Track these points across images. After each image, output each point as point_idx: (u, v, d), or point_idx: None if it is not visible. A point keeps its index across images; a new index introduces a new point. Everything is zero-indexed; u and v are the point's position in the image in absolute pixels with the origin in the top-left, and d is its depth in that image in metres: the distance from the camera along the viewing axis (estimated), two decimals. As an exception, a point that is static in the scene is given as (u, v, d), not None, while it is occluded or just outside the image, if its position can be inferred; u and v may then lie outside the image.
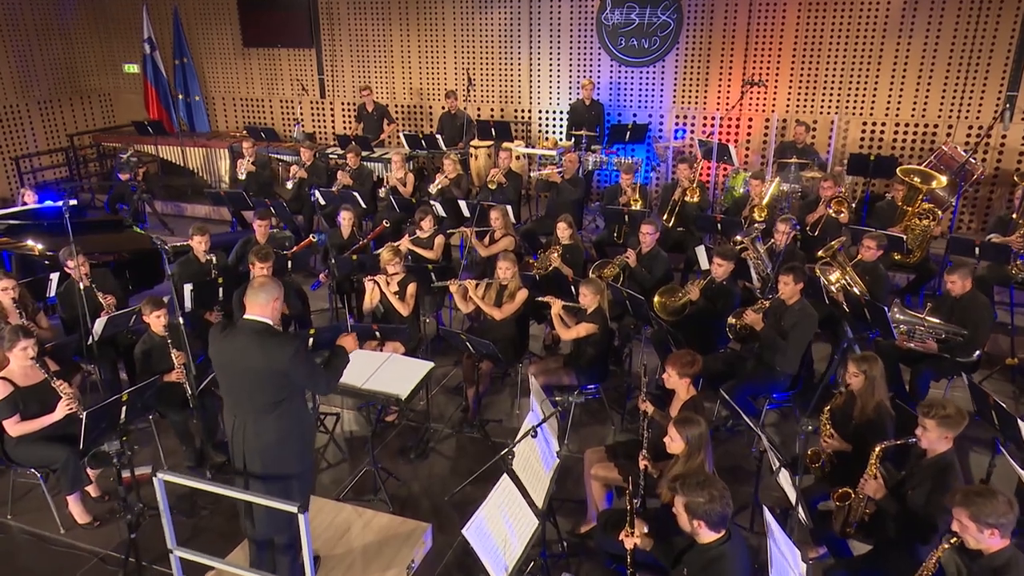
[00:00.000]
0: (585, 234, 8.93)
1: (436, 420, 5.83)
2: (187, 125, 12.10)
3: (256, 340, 3.44)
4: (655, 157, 9.78)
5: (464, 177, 8.81)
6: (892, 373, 5.35)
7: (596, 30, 9.89)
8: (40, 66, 11.61)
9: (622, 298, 5.73)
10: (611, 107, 10.08)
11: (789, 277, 5.14)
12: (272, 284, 3.55)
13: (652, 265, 6.46)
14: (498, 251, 6.99)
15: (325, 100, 11.70)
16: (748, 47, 9.30)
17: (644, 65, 9.83)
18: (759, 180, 7.43)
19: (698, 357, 4.18)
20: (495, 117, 10.68)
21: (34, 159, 11.52)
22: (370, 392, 4.35)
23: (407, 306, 5.93)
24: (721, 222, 7.13)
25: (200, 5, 11.88)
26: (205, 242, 6.37)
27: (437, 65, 10.85)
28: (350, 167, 8.95)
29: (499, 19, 10.29)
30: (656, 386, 6.21)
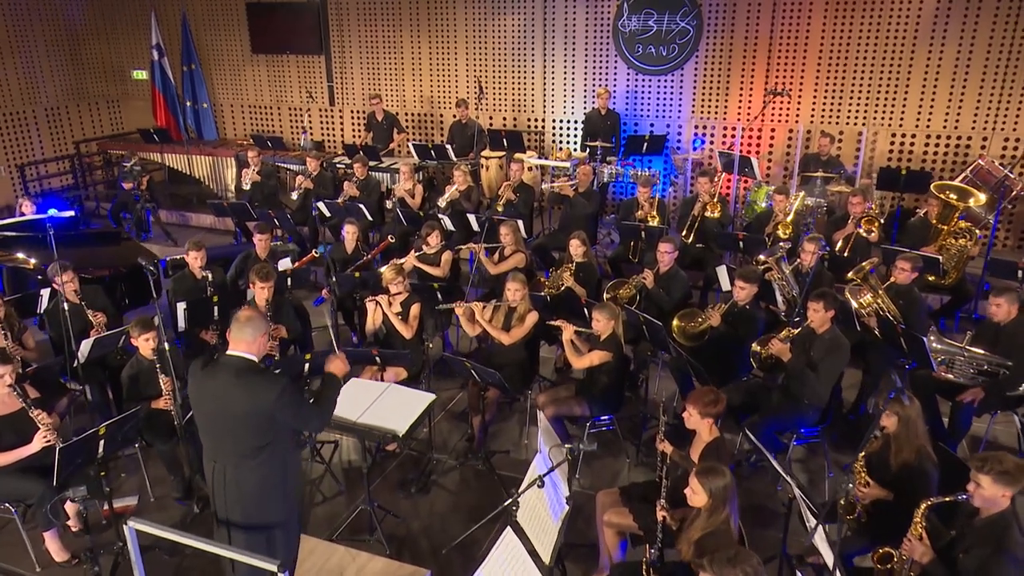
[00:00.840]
0: (600, 249, 8.60)
1: (440, 449, 5.51)
2: (195, 132, 11.91)
3: (238, 380, 3.14)
4: (673, 169, 9.43)
5: (475, 189, 8.51)
6: (929, 407, 4.98)
7: (612, 37, 9.57)
8: (47, 72, 11.45)
9: (638, 322, 5.39)
10: (627, 117, 9.75)
11: (819, 304, 4.78)
12: (259, 319, 3.26)
13: (670, 286, 6.12)
14: (508, 269, 6.69)
15: (334, 108, 11.46)
16: (771, 55, 8.94)
17: (662, 73, 9.50)
18: (783, 195, 7.07)
19: (722, 396, 3.83)
20: (507, 127, 10.37)
21: (40, 167, 11.34)
22: (365, 427, 4.04)
23: (410, 328, 5.62)
24: (743, 240, 6.78)
25: (209, 11, 11.69)
26: (201, 258, 6.11)
27: (448, 73, 10.57)
28: (357, 178, 8.68)
29: (512, 25, 10.00)
30: (674, 415, 5.89)
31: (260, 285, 5.38)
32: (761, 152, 9.26)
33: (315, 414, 3.33)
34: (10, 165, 10.97)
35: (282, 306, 5.62)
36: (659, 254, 6.13)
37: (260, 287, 5.38)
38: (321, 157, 9.99)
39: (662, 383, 6.26)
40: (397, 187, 8.33)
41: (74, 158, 11.41)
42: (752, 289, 5.55)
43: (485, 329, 5.47)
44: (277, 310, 5.52)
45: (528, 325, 5.46)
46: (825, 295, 4.82)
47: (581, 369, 5.13)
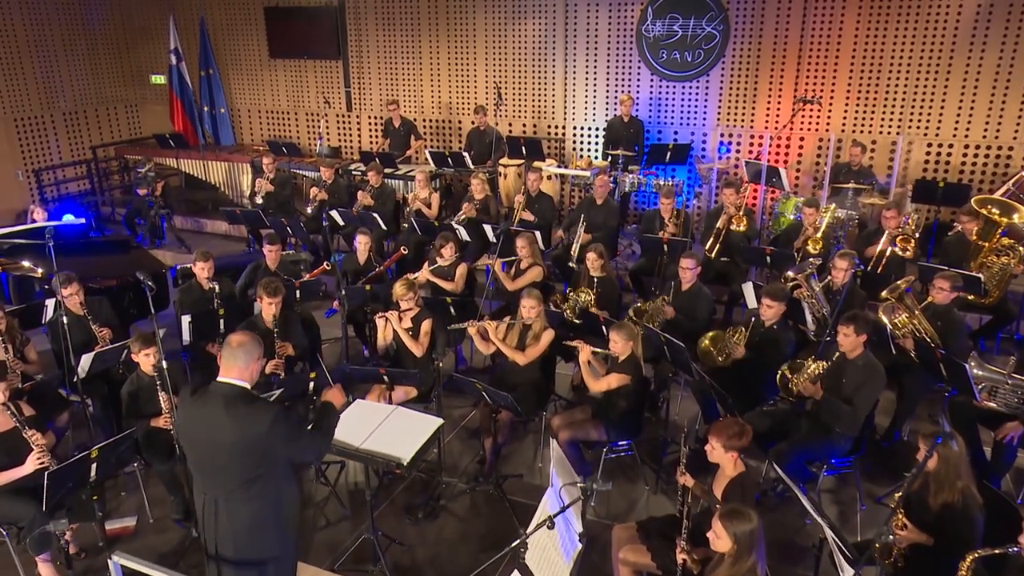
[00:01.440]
0: (620, 260, 8.38)
1: (450, 471, 5.31)
2: (212, 137, 11.87)
3: (229, 409, 2.97)
4: (697, 179, 9.17)
5: (492, 199, 8.32)
6: (970, 438, 4.69)
7: (636, 42, 9.35)
8: (66, 76, 11.47)
9: (659, 342, 5.15)
10: (651, 124, 9.52)
11: (850, 328, 4.52)
12: (252, 343, 3.09)
13: (694, 304, 5.88)
14: (526, 284, 6.48)
15: (351, 114, 11.35)
16: (801, 60, 8.66)
17: (687, 80, 9.26)
18: (813, 208, 6.78)
19: (747, 428, 3.59)
20: (527, 134, 10.18)
21: (57, 171, 11.35)
22: (368, 453, 3.85)
23: (421, 346, 5.43)
24: (771, 255, 6.51)
25: (227, 15, 11.65)
26: (208, 268, 5.98)
27: (467, 79, 10.41)
28: (371, 186, 8.53)
29: (533, 30, 9.82)
30: (697, 438, 5.65)
31: (268, 301, 5.23)
32: (789, 162, 8.97)
33: (311, 444, 3.16)
34: (28, 170, 10.98)
35: (290, 321, 5.46)
36: (681, 270, 5.89)
37: (268, 303, 5.23)
38: (336, 164, 9.87)
39: (684, 404, 6.02)
40: (412, 197, 8.16)
41: (91, 163, 11.40)
42: (779, 308, 5.30)
43: (499, 349, 5.27)
44: (284, 326, 5.36)
45: (544, 343, 5.26)
46: (856, 318, 4.55)
47: (598, 392, 4.90)
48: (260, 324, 5.32)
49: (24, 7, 10.73)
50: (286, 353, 5.23)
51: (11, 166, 10.89)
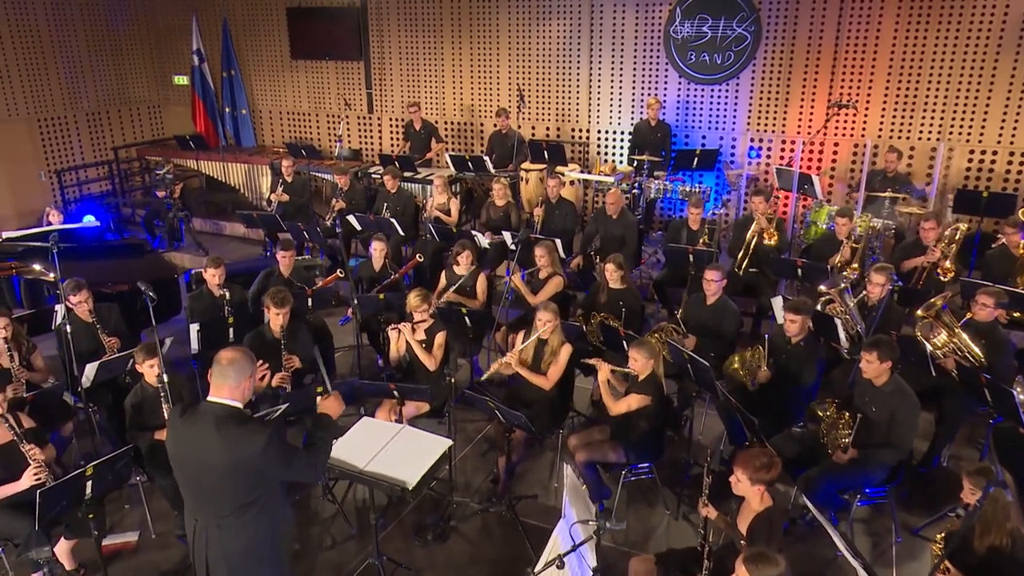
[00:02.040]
0: (645, 269, 8.15)
1: (462, 491, 5.14)
2: (233, 139, 11.84)
3: (219, 430, 2.83)
4: (726, 185, 8.91)
5: (513, 205, 8.13)
6: (1017, 469, 4.42)
7: (663, 44, 9.11)
8: (89, 77, 11.51)
9: (683, 360, 4.93)
10: (678, 128, 9.27)
11: (873, 354, 4.25)
12: (244, 360, 2.94)
13: (720, 319, 5.64)
14: (548, 296, 6.29)
15: (373, 115, 11.24)
16: (836, 63, 8.36)
17: (716, 83, 8.99)
18: (846, 218, 6.50)
19: (776, 460, 3.37)
20: (550, 137, 9.99)
21: (80, 172, 11.39)
22: (372, 476, 3.69)
23: (434, 359, 5.27)
24: (802, 267, 6.24)
25: (249, 16, 11.61)
26: (219, 275, 5.87)
27: (490, 81, 10.24)
28: (389, 191, 8.38)
29: (557, 31, 9.62)
30: (721, 459, 5.42)
31: (275, 311, 5.09)
32: (823, 168, 8.68)
33: (308, 464, 3.00)
34: (50, 171, 11.02)
35: (298, 332, 5.32)
36: (705, 282, 5.66)
37: (275, 313, 5.10)
38: (356, 167, 9.77)
39: (709, 422, 5.79)
40: (430, 203, 7.98)
41: (112, 164, 11.42)
42: (804, 322, 5.06)
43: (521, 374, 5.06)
44: (292, 337, 5.23)
45: (563, 360, 5.06)
46: (880, 344, 4.28)
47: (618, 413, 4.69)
48: (268, 334, 5.19)
49: (49, 8, 10.78)
50: (293, 366, 5.09)
51: (34, 167, 10.95)
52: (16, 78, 10.53)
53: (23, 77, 10.62)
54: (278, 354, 5.07)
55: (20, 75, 10.58)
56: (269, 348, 5.09)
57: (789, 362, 5.13)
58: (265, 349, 5.04)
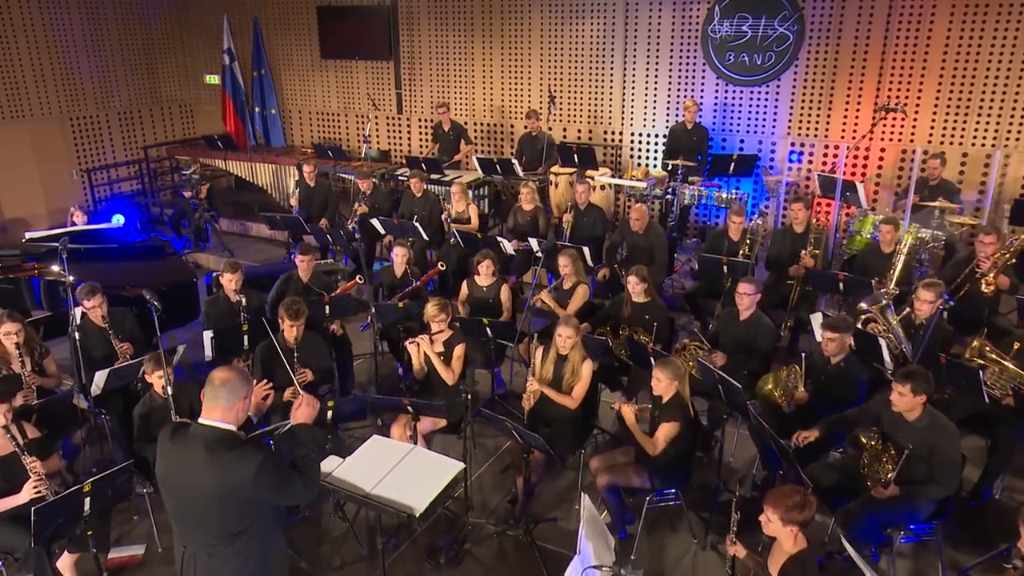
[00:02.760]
0: (677, 279, 7.88)
1: (478, 510, 4.96)
2: (263, 139, 11.84)
3: (210, 454, 2.68)
4: (764, 192, 8.59)
5: (542, 210, 7.92)
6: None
7: (701, 43, 8.82)
8: (121, 76, 11.60)
9: (713, 380, 4.68)
10: (715, 132, 8.98)
11: (907, 387, 3.95)
12: (238, 380, 2.79)
13: (753, 336, 5.38)
14: (578, 307, 6.09)
15: (402, 116, 11.13)
16: (884, 65, 8.00)
17: (756, 84, 8.68)
18: (891, 226, 6.16)
19: (811, 499, 3.11)
20: (582, 139, 9.77)
21: (110, 171, 11.49)
22: (379, 500, 3.52)
23: (452, 372, 5.10)
24: (844, 281, 5.93)
25: (280, 15, 11.60)
26: (235, 280, 5.77)
27: (521, 81, 10.06)
28: (414, 195, 8.24)
29: (590, 31, 9.39)
30: (754, 484, 5.16)
31: (289, 323, 4.96)
32: (867, 175, 8.31)
33: (301, 486, 2.84)
34: (81, 169, 11.13)
35: (313, 343, 5.18)
36: (738, 296, 5.39)
37: (289, 325, 4.96)
38: (383, 169, 9.67)
39: (741, 443, 5.52)
40: (450, 208, 7.77)
41: (142, 163, 11.49)
42: (843, 341, 4.78)
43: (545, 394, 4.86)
44: (306, 347, 5.09)
45: (586, 377, 4.85)
46: (915, 376, 3.96)
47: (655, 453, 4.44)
48: (281, 344, 5.06)
49: (83, 7, 10.89)
50: (306, 380, 4.95)
51: (66, 165, 11.07)
52: (49, 77, 10.66)
53: (56, 76, 10.74)
54: (291, 366, 4.93)
55: (53, 74, 10.70)
56: (282, 359, 4.97)
57: (828, 383, 4.86)
58: (278, 360, 4.92)
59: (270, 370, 5.00)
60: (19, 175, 10.48)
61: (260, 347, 5.07)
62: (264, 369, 4.99)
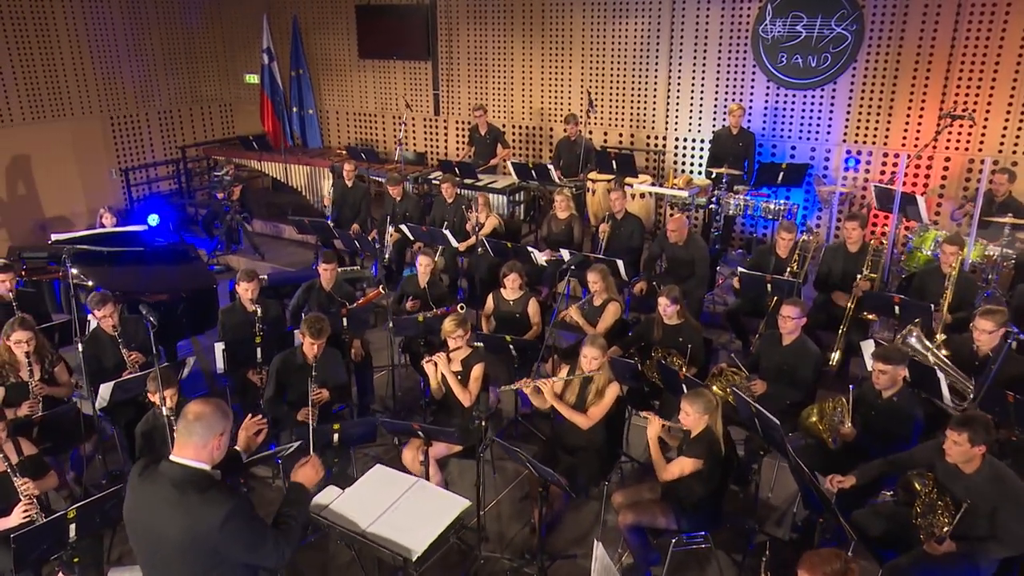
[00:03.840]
0: (719, 294, 7.51)
1: (494, 542, 4.71)
2: (300, 139, 11.81)
3: (177, 496, 2.49)
4: (816, 202, 8.14)
5: (577, 219, 7.62)
6: None
7: (751, 44, 8.42)
8: (162, 76, 11.70)
9: (749, 413, 4.34)
10: (764, 138, 8.56)
11: (963, 435, 3.55)
12: (214, 416, 2.59)
13: (795, 364, 5.01)
14: (609, 326, 5.80)
15: (439, 118, 10.96)
16: (951, 68, 7.48)
17: (810, 87, 8.24)
18: (956, 247, 5.69)
19: (853, 566, 2.77)
20: (623, 144, 9.44)
21: (148, 171, 11.58)
22: (375, 539, 3.30)
23: (470, 394, 4.86)
24: (900, 305, 5.50)
25: (319, 14, 11.55)
26: (252, 289, 5.64)
27: (562, 83, 9.77)
28: (446, 200, 8.04)
29: (635, 30, 9.06)
30: (793, 525, 4.81)
31: (310, 341, 4.79)
32: (930, 187, 7.80)
33: (272, 546, 2.61)
34: (120, 169, 11.24)
35: (331, 360, 5.00)
36: (781, 319, 5.03)
37: (309, 343, 4.79)
38: (416, 172, 9.50)
39: (781, 477, 5.16)
40: (472, 216, 7.50)
41: (179, 163, 11.56)
42: (895, 374, 4.38)
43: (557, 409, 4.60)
44: (323, 365, 4.91)
45: (608, 401, 4.56)
46: (972, 423, 3.56)
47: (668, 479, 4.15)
48: (298, 359, 4.90)
49: (124, 7, 10.99)
50: (322, 400, 4.76)
51: (106, 164, 11.19)
52: (91, 76, 10.78)
53: (97, 75, 10.87)
54: (305, 382, 4.75)
55: (95, 73, 10.83)
56: (298, 375, 4.80)
57: (878, 420, 4.47)
58: (293, 375, 4.78)
59: (284, 384, 4.85)
60: (60, 174, 10.63)
61: (276, 359, 4.92)
62: (277, 383, 4.84)
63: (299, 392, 4.81)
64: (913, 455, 4.10)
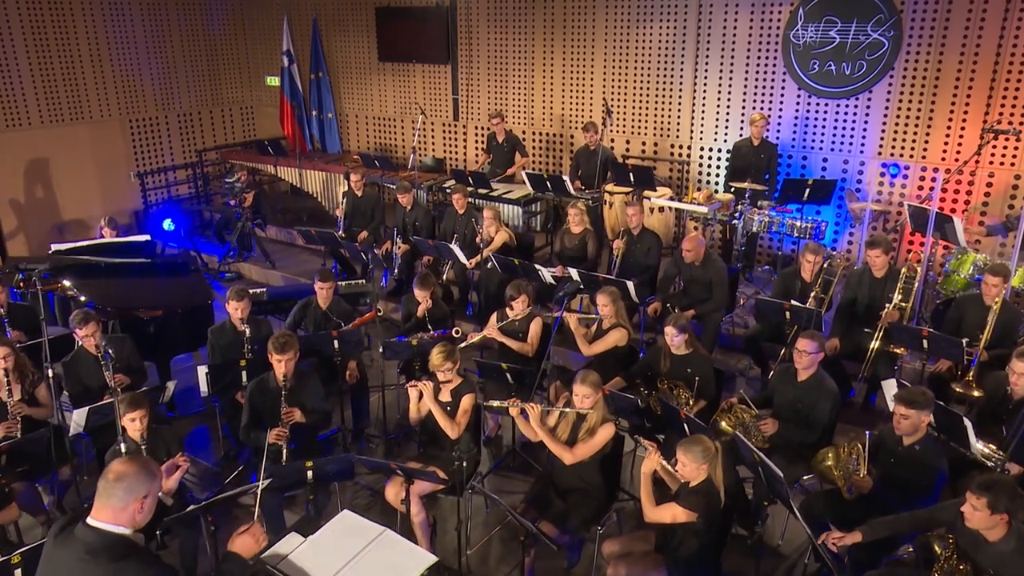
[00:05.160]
0: (739, 315, 7.17)
1: (480, 586, 4.50)
2: (319, 143, 11.73)
3: (88, 564, 2.31)
4: (848, 219, 7.74)
5: (591, 233, 7.35)
6: None
7: (782, 50, 8.04)
8: (182, 79, 11.70)
9: (752, 461, 4.05)
10: (795, 149, 8.18)
11: (982, 500, 3.23)
12: (137, 476, 2.41)
13: (812, 402, 4.68)
14: (605, 350, 5.54)
15: (458, 123, 10.77)
16: (996, 78, 7.03)
17: (843, 97, 7.84)
18: (1000, 277, 5.26)
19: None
20: (647, 153, 9.13)
21: (165, 174, 11.60)
22: (332, 597, 3.11)
23: (457, 427, 4.64)
24: (929, 339, 5.13)
25: (339, 16, 11.44)
26: (242, 309, 5.50)
27: (583, 88, 9.50)
28: (457, 211, 7.84)
29: (659, 35, 8.74)
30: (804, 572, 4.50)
31: (276, 358, 4.61)
32: (972, 204, 7.35)
33: None
34: (139, 172, 11.27)
35: (305, 382, 4.82)
36: (797, 354, 4.71)
37: (276, 360, 4.62)
38: (429, 181, 9.33)
39: (792, 523, 4.84)
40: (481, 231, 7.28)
41: (195, 166, 11.56)
42: (919, 419, 4.04)
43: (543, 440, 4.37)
44: (299, 386, 4.75)
45: (598, 441, 4.30)
46: (995, 488, 3.22)
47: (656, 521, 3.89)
48: (271, 381, 4.73)
49: (145, 9, 11.01)
50: (292, 420, 4.58)
51: (125, 168, 11.23)
52: (110, 79, 10.82)
53: (117, 78, 10.90)
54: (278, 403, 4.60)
55: (114, 76, 10.86)
56: (273, 398, 4.65)
57: (898, 469, 4.15)
58: (267, 399, 4.62)
59: (260, 409, 4.70)
60: (78, 177, 10.69)
61: (251, 384, 4.76)
62: (252, 409, 4.69)
63: (276, 417, 4.64)
64: (933, 514, 3.77)
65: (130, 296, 6.22)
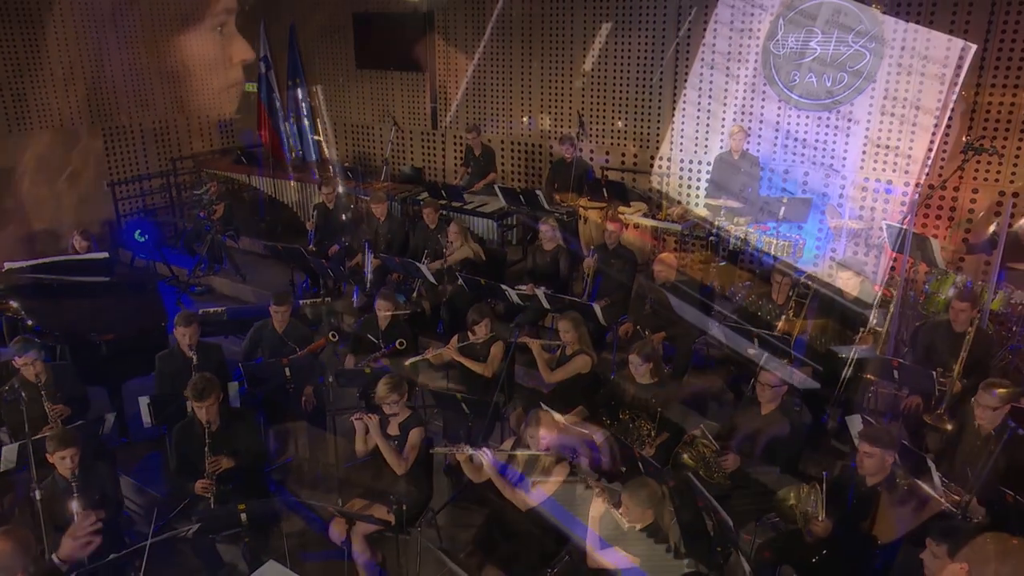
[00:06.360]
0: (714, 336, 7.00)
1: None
2: (296, 152, 11.60)
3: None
4: (830, 235, 7.61)
5: (564, 250, 7.21)
6: None
7: (762, 61, 7.91)
8: (157, 83, 11.53)
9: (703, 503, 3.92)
10: (775, 162, 8.04)
11: (941, 548, 3.19)
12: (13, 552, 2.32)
13: (774, 436, 4.55)
14: (567, 377, 5.42)
15: (437, 132, 10.64)
16: (980, 91, 6.90)
17: (823, 109, 7.71)
18: (967, 303, 5.11)
19: None
20: (627, 164, 9.00)
21: (138, 184, 11.43)
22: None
23: (405, 462, 4.52)
24: (899, 369, 4.99)
25: (316, 22, 11.29)
26: (190, 335, 5.36)
27: (563, 99, 9.37)
28: (428, 226, 7.72)
29: (638, 45, 8.61)
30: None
31: (197, 404, 4.43)
32: (956, 221, 7.22)
33: None
34: (112, 181, 11.13)
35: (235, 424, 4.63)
36: (759, 387, 4.59)
37: (197, 407, 4.43)
38: (404, 193, 9.21)
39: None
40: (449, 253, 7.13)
41: (169, 176, 11.41)
42: (882, 458, 3.92)
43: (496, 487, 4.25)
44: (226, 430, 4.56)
45: (554, 484, 4.17)
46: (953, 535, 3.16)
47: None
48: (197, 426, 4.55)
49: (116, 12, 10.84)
50: (218, 470, 4.41)
51: (97, 177, 11.07)
52: (82, 85, 10.65)
53: (89, 84, 10.74)
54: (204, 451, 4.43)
55: (86, 82, 10.69)
56: (197, 444, 4.47)
57: (860, 512, 4.01)
58: (193, 445, 4.45)
59: (188, 455, 4.51)
60: (48, 186, 10.55)
61: (176, 428, 4.60)
62: (179, 455, 4.53)
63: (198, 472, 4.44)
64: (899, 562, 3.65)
65: (82, 319, 6.09)
